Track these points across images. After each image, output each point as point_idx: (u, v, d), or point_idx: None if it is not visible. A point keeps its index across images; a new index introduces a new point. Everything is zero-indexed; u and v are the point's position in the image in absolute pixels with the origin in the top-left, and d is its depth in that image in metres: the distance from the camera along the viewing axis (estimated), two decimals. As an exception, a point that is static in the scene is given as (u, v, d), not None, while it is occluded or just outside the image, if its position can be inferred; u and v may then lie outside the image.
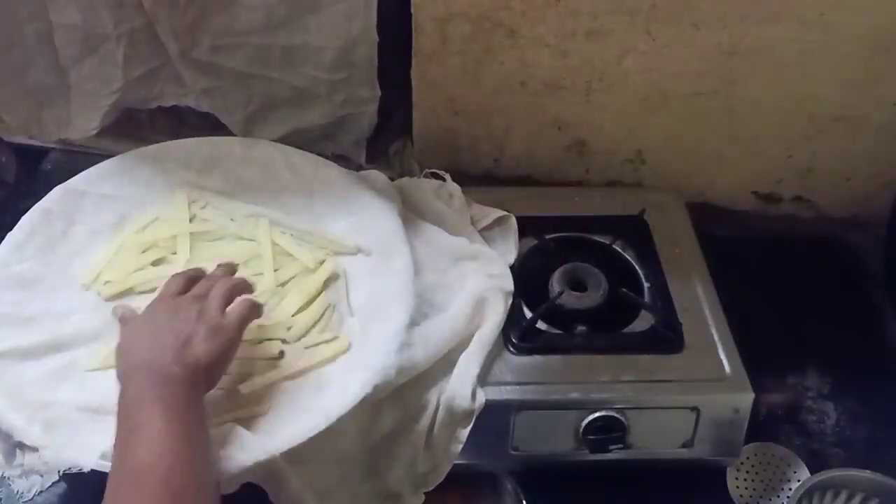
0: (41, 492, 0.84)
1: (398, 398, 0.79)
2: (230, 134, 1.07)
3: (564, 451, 0.84)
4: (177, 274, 0.78)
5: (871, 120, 1.00)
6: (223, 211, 0.94)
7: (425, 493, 0.81)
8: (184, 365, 0.67)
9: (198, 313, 0.71)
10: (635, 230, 0.98)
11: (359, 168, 1.06)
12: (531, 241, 0.97)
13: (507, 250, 0.94)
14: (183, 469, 0.61)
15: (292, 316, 0.84)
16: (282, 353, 0.81)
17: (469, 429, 0.80)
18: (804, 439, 0.93)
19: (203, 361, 0.68)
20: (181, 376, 0.66)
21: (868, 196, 1.08)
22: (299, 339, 0.83)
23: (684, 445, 0.84)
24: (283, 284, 0.87)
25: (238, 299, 0.75)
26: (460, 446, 0.80)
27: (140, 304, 0.81)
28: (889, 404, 0.96)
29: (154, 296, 0.78)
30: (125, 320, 0.75)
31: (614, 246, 0.97)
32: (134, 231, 0.91)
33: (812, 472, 0.89)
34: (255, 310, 0.76)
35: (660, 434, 0.84)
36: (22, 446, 0.73)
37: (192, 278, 0.77)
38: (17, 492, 0.84)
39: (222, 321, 0.72)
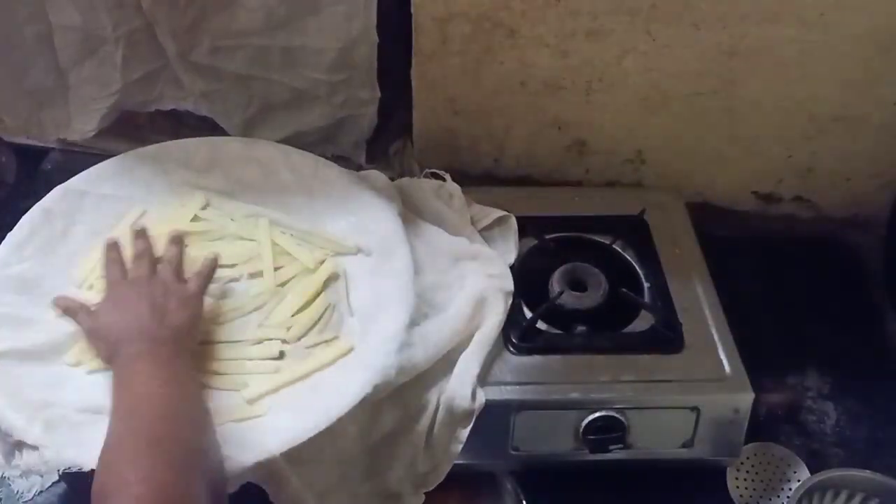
0: (41, 492, 0.84)
1: (398, 398, 0.79)
2: (230, 134, 1.07)
3: (564, 451, 0.84)
4: (111, 261, 0.81)
5: (871, 120, 1.00)
6: (223, 211, 0.94)
7: (425, 493, 0.81)
8: (170, 328, 0.73)
9: (163, 288, 0.77)
10: (635, 230, 0.98)
11: (359, 168, 1.06)
12: (531, 241, 0.97)
13: (507, 250, 0.94)
14: (178, 402, 0.66)
15: (292, 316, 0.84)
16: (282, 354, 0.81)
17: (469, 429, 0.80)
18: (804, 439, 0.93)
19: (184, 326, 0.74)
20: (170, 336, 0.72)
21: (868, 196, 1.08)
22: (299, 339, 0.83)
23: (684, 445, 0.84)
24: (283, 284, 0.87)
25: (194, 277, 0.81)
26: (460, 446, 0.80)
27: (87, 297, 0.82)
28: (889, 404, 0.96)
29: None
30: (74, 311, 0.78)
31: (614, 246, 0.97)
32: (128, 227, 0.91)
33: (812, 472, 0.89)
34: (210, 273, 0.82)
35: (660, 434, 0.84)
36: (22, 446, 0.73)
37: (122, 260, 0.81)
38: (17, 492, 0.84)
39: (186, 290, 0.78)
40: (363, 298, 0.86)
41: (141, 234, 0.83)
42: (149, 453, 0.60)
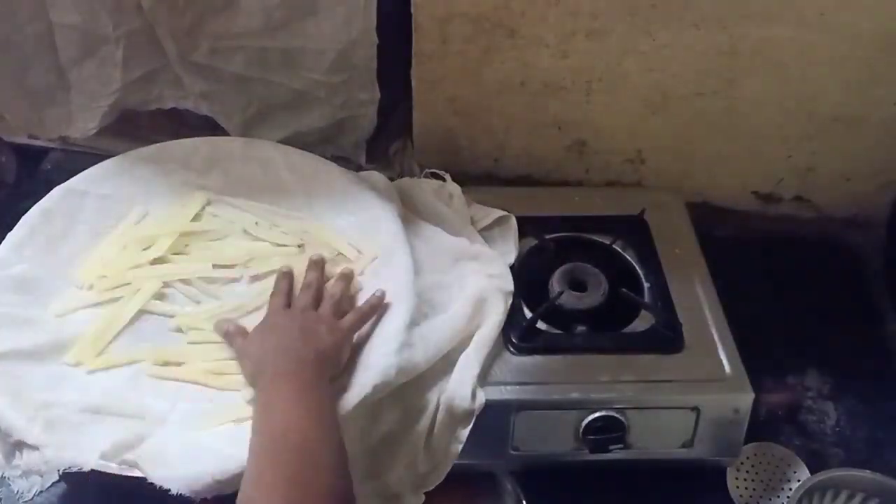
0: (41, 492, 0.84)
1: (398, 398, 0.79)
2: (230, 134, 1.07)
3: (564, 451, 0.84)
4: (278, 290, 0.83)
5: (871, 120, 1.00)
6: (223, 211, 0.94)
7: (425, 493, 0.81)
8: (315, 350, 0.74)
9: (316, 317, 0.79)
10: (635, 230, 0.98)
11: (359, 168, 1.06)
12: (531, 241, 0.97)
13: (507, 250, 0.94)
14: (316, 435, 0.67)
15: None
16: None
17: (469, 429, 0.80)
18: (804, 439, 0.93)
19: (328, 350, 0.75)
20: (312, 358, 0.73)
21: (868, 196, 1.09)
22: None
23: (684, 445, 0.84)
24: (283, 284, 0.87)
25: (351, 313, 0.81)
26: (460, 446, 0.80)
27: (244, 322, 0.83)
28: (889, 404, 0.96)
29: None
30: (232, 334, 0.79)
31: (614, 246, 0.97)
32: (133, 226, 0.91)
33: (812, 472, 0.89)
34: (371, 313, 0.82)
35: (660, 434, 0.84)
36: (22, 446, 0.73)
37: (289, 291, 0.84)
38: (17, 492, 0.84)
39: (338, 323, 0.79)
40: (363, 298, 0.86)
41: (316, 265, 0.86)
42: (286, 493, 0.62)
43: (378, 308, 0.82)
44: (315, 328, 0.76)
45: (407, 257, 0.86)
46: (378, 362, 0.77)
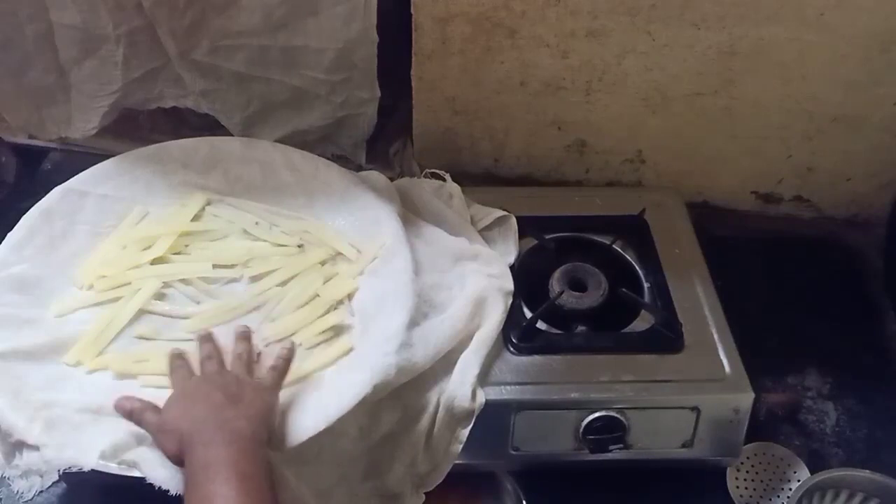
0: (41, 492, 0.84)
1: (398, 398, 0.79)
2: (230, 134, 1.07)
3: (564, 451, 0.84)
4: (177, 367, 0.74)
5: (871, 120, 1.00)
6: (223, 211, 0.94)
7: (425, 493, 0.81)
8: (247, 418, 0.67)
9: (235, 379, 0.72)
10: (635, 230, 0.98)
11: (359, 168, 1.06)
12: (531, 241, 0.97)
13: (507, 250, 0.94)
14: None
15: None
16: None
17: (469, 429, 0.80)
18: (804, 439, 0.93)
19: (260, 415, 0.69)
20: (247, 430, 0.66)
21: (868, 196, 1.09)
22: (299, 338, 0.83)
23: (684, 445, 0.84)
24: (283, 284, 0.87)
25: (269, 362, 0.76)
26: (460, 446, 0.80)
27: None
28: (889, 404, 0.96)
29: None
30: (139, 411, 0.71)
31: (614, 246, 0.97)
32: (133, 226, 0.91)
33: (812, 472, 0.89)
34: (286, 368, 0.76)
35: (660, 434, 0.84)
36: (22, 446, 0.73)
37: (184, 358, 0.75)
38: (17, 492, 0.84)
39: (261, 383, 0.73)
40: (363, 298, 0.86)
41: (207, 338, 0.77)
42: None
43: (290, 360, 0.76)
44: (239, 391, 0.70)
45: (407, 257, 0.86)
46: (378, 362, 0.77)
